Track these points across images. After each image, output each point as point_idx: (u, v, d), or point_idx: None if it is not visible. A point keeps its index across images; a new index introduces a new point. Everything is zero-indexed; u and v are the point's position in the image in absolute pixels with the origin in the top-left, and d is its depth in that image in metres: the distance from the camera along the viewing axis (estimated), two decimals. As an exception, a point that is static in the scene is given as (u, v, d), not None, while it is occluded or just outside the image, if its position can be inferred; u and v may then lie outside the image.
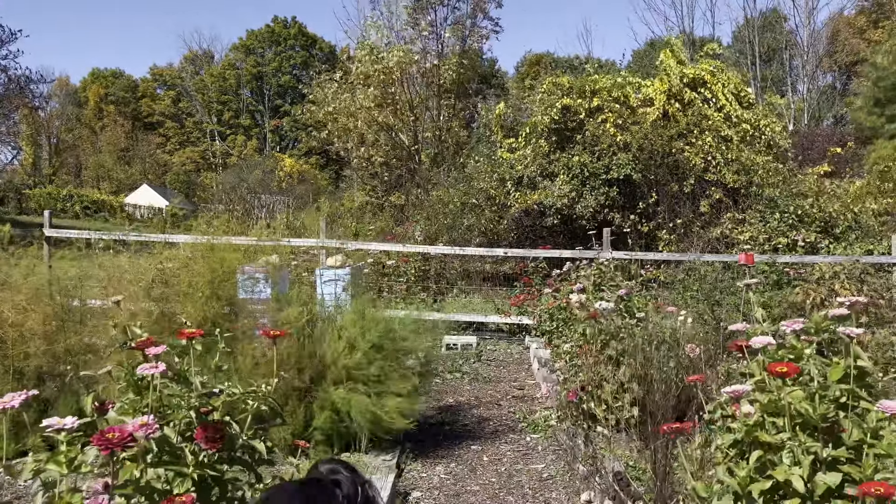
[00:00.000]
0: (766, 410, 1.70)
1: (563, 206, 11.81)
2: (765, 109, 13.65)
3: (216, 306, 3.92)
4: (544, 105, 12.74)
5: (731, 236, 11.14)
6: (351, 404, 3.80)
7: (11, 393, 1.57)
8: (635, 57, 34.39)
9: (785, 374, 1.64)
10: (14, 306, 4.06)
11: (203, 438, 1.54)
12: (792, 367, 1.66)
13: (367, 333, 3.93)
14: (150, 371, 1.52)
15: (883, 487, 1.35)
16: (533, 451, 4.39)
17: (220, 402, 1.69)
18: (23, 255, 5.06)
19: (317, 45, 56.03)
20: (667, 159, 11.83)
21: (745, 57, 30.02)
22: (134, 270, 4.45)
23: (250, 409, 1.73)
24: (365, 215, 16.88)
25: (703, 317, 5.61)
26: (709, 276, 7.34)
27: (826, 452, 1.62)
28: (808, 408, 1.65)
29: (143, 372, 1.52)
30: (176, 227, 15.28)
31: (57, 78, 51.47)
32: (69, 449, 1.45)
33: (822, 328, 1.91)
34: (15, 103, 28.56)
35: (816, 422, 1.63)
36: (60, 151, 50.15)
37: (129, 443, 1.34)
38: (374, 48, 17.72)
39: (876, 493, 1.34)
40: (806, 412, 1.65)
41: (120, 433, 1.32)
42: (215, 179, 39.69)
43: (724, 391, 1.73)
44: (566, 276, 8.40)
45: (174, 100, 56.97)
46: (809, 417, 1.64)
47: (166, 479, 1.50)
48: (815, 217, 10.88)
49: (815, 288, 6.89)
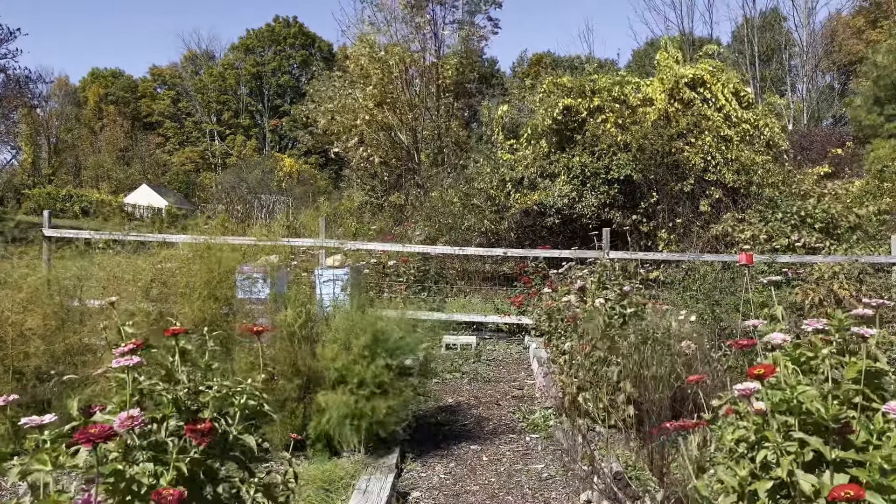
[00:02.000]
0: (777, 410, 1.69)
1: (563, 207, 11.81)
2: (764, 109, 13.66)
3: (214, 307, 3.92)
4: (545, 105, 12.75)
5: (733, 235, 11.14)
6: (346, 406, 3.79)
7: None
8: (635, 57, 34.43)
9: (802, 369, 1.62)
10: (14, 306, 4.06)
11: (192, 433, 1.55)
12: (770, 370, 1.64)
13: (360, 335, 3.92)
14: (126, 363, 1.53)
15: (853, 490, 1.36)
16: (532, 451, 4.39)
17: (209, 398, 1.70)
18: (22, 255, 5.07)
19: (316, 45, 56.03)
20: (667, 159, 11.84)
21: (745, 57, 30.01)
22: (132, 270, 4.45)
23: (237, 404, 1.74)
24: (364, 215, 16.88)
25: (702, 316, 5.61)
26: (708, 275, 7.34)
27: (834, 454, 1.62)
28: (821, 407, 1.64)
29: (118, 364, 1.53)
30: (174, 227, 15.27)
31: (56, 78, 51.55)
32: (53, 447, 1.46)
33: (843, 328, 1.89)
34: (14, 103, 28.56)
35: (828, 422, 1.63)
36: (60, 151, 50.12)
37: (111, 436, 1.35)
38: (372, 46, 17.72)
39: (846, 496, 1.36)
40: (818, 412, 1.64)
41: (101, 428, 1.34)
42: (215, 179, 39.69)
43: (735, 388, 1.72)
44: (565, 275, 8.40)
45: (174, 100, 56.97)
46: (821, 418, 1.63)
47: (153, 474, 1.50)
48: (817, 218, 10.89)
49: (815, 288, 6.89)
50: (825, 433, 1.66)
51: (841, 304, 6.56)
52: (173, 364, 1.71)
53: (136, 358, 1.54)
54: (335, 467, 3.70)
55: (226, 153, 52.29)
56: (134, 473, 1.48)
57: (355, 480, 3.57)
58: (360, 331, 3.94)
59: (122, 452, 1.50)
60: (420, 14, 19.26)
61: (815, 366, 1.88)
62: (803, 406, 1.67)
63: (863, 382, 1.74)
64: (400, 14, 19.11)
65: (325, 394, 3.84)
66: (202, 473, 1.65)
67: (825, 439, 1.64)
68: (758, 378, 1.64)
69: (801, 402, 1.67)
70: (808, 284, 7.22)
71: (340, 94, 17.58)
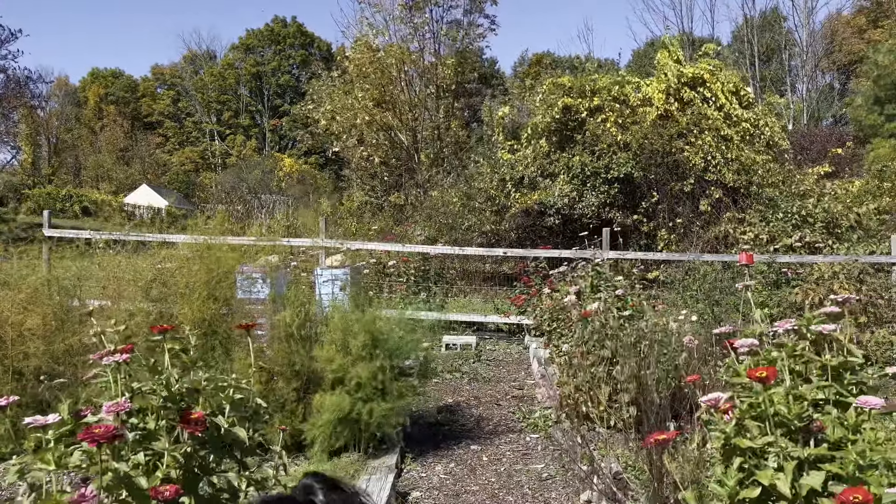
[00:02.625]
0: (746, 415, 1.69)
1: (563, 206, 11.81)
2: (764, 109, 13.66)
3: (213, 307, 3.92)
4: (545, 105, 12.75)
5: (734, 235, 11.14)
6: (341, 409, 3.78)
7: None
8: (635, 57, 34.41)
9: (765, 379, 1.61)
10: (14, 306, 4.06)
11: (186, 423, 1.56)
12: (772, 371, 1.64)
13: (358, 336, 3.91)
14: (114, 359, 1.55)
15: (861, 494, 1.35)
16: (532, 451, 4.39)
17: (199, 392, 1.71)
18: (22, 255, 5.07)
19: (315, 45, 56.02)
20: (667, 159, 11.84)
21: (745, 57, 30.02)
22: (133, 270, 4.45)
23: (226, 397, 1.75)
24: (364, 215, 16.89)
25: (702, 316, 5.61)
26: (708, 275, 7.34)
27: (806, 452, 1.62)
28: (784, 409, 1.64)
29: (107, 361, 1.55)
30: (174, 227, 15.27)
31: (56, 78, 51.52)
32: (56, 447, 1.47)
33: (812, 327, 1.91)
34: (14, 103, 28.56)
35: (792, 421, 1.63)
36: (60, 151, 50.09)
37: (116, 437, 1.37)
38: (371, 47, 17.73)
39: (854, 500, 1.33)
40: (782, 413, 1.65)
41: (105, 428, 1.35)
42: (215, 179, 39.66)
43: (700, 401, 1.72)
44: (565, 275, 8.40)
45: (173, 99, 56.95)
46: (785, 418, 1.64)
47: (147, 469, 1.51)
48: (817, 217, 10.89)
49: (815, 288, 6.89)
50: (795, 433, 1.66)
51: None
52: (163, 361, 1.73)
53: (125, 356, 1.55)
54: (335, 467, 3.70)
55: (226, 153, 52.28)
56: (128, 469, 1.49)
57: (355, 480, 3.57)
58: (358, 331, 3.93)
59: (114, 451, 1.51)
60: (418, 14, 19.26)
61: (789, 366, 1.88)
62: (772, 409, 1.67)
63: (830, 378, 1.75)
64: (398, 14, 19.11)
65: (322, 395, 3.84)
66: (196, 467, 1.66)
67: (793, 440, 1.64)
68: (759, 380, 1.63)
69: (769, 405, 1.67)
70: (808, 284, 7.22)
71: (339, 95, 17.58)
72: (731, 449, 1.69)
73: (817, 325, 1.86)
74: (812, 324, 1.89)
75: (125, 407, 1.49)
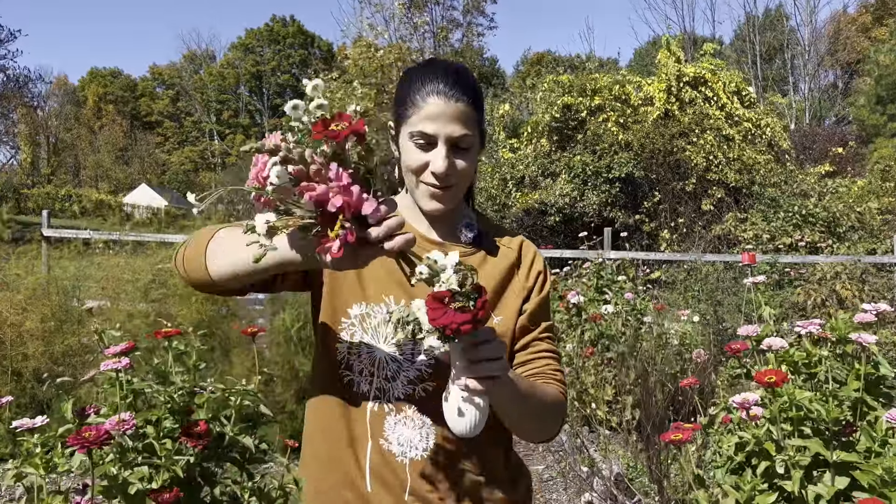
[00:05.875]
0: (777, 416, 1.66)
1: (564, 206, 11.78)
2: (766, 108, 13.64)
3: (212, 309, 3.89)
4: (545, 103, 12.73)
5: (735, 234, 11.11)
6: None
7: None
8: (637, 55, 34.39)
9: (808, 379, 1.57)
10: (12, 306, 4.03)
11: (188, 437, 1.52)
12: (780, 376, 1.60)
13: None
14: (114, 366, 1.51)
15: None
16: (534, 452, 4.36)
17: (203, 399, 1.67)
18: (21, 255, 5.04)
19: (315, 44, 56.03)
20: (668, 158, 11.81)
21: (747, 56, 30.02)
22: (131, 271, 4.42)
23: (234, 405, 1.72)
24: (364, 215, 16.86)
25: (705, 317, 5.58)
26: (710, 276, 7.31)
27: (836, 455, 1.59)
28: (822, 409, 1.61)
29: (106, 368, 1.51)
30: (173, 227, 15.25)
31: (55, 77, 51.56)
32: (44, 451, 1.44)
33: (845, 336, 1.82)
34: (13, 102, 28.55)
35: (829, 424, 1.59)
36: (59, 151, 50.10)
37: (106, 441, 1.32)
38: (370, 44, 17.70)
39: None
40: (817, 413, 1.61)
41: (96, 431, 1.30)
42: (214, 179, 39.67)
43: (732, 401, 1.68)
44: (568, 276, 8.37)
45: (173, 99, 56.97)
46: (821, 419, 1.60)
47: (148, 477, 1.48)
48: (819, 217, 10.86)
49: (817, 288, 6.86)
50: (825, 436, 1.63)
51: (843, 304, 6.53)
52: (167, 366, 1.69)
53: (126, 360, 1.52)
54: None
55: (225, 153, 52.29)
56: (127, 476, 1.46)
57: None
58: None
59: (118, 454, 1.48)
60: (418, 14, 19.26)
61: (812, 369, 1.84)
62: (802, 410, 1.64)
63: (862, 388, 1.71)
64: (398, 14, 19.09)
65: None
66: (198, 476, 1.63)
67: (825, 444, 1.61)
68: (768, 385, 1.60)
69: (801, 406, 1.64)
70: (810, 285, 7.19)
71: (339, 97, 17.55)
72: (757, 453, 1.66)
73: (852, 331, 1.77)
74: (846, 330, 1.82)
75: (130, 425, 1.45)
